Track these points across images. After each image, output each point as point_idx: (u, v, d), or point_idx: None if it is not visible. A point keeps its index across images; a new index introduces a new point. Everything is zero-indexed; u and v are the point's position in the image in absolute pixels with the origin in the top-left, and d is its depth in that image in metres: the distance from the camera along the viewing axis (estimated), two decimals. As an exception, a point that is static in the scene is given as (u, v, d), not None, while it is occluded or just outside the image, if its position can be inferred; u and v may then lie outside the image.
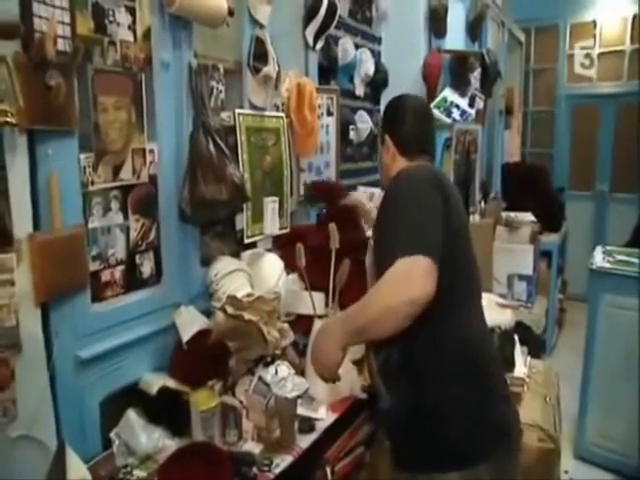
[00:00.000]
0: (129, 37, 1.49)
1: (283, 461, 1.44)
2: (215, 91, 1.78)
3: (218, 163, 1.65)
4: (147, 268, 1.63)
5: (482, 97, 3.65)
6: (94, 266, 1.45)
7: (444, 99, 3.27)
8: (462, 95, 3.40)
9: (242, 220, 1.91)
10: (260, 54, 1.92)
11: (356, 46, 2.71)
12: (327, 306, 1.90)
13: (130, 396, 1.50)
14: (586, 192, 5.84)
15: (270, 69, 1.93)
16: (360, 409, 1.80)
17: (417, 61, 3.16)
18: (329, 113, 2.47)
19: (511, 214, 4.15)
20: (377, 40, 3.05)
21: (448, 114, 3.26)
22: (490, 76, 3.76)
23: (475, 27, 3.80)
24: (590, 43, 5.69)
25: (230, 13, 1.66)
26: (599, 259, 2.96)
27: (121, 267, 1.54)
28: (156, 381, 1.51)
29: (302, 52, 2.28)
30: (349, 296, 1.66)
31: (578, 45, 5.76)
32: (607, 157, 5.73)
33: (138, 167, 1.56)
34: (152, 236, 1.64)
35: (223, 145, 1.68)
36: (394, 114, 1.55)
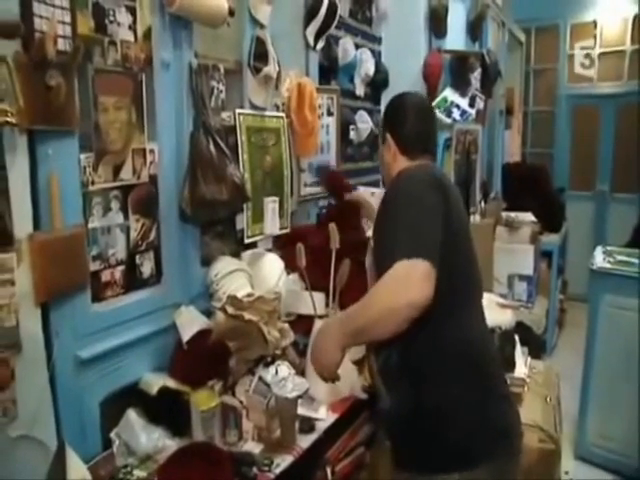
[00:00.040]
0: (129, 37, 1.49)
1: (283, 461, 1.44)
2: (215, 91, 1.78)
3: (218, 163, 1.65)
4: (147, 268, 1.63)
5: (482, 97, 3.65)
6: (94, 266, 1.45)
7: (444, 99, 3.27)
8: (462, 95, 3.39)
9: (242, 220, 1.91)
10: (260, 54, 1.92)
11: (356, 46, 2.71)
12: (327, 306, 1.90)
13: (130, 396, 1.50)
14: (586, 192, 5.84)
15: (270, 69, 1.93)
16: (360, 409, 1.80)
17: (417, 61, 3.16)
18: (329, 113, 2.47)
19: (511, 214, 4.15)
20: (377, 40, 3.05)
21: (448, 114, 3.26)
22: (490, 76, 3.75)
23: (475, 27, 3.80)
24: (590, 43, 5.69)
25: (230, 13, 1.66)
26: (599, 259, 2.96)
27: (121, 267, 1.54)
28: (156, 381, 1.51)
29: (302, 52, 2.27)
30: (349, 296, 1.66)
31: (578, 45, 5.76)
32: (607, 157, 5.73)
33: (138, 167, 1.56)
34: (152, 236, 1.63)
35: (223, 145, 1.68)
36: (395, 112, 1.54)
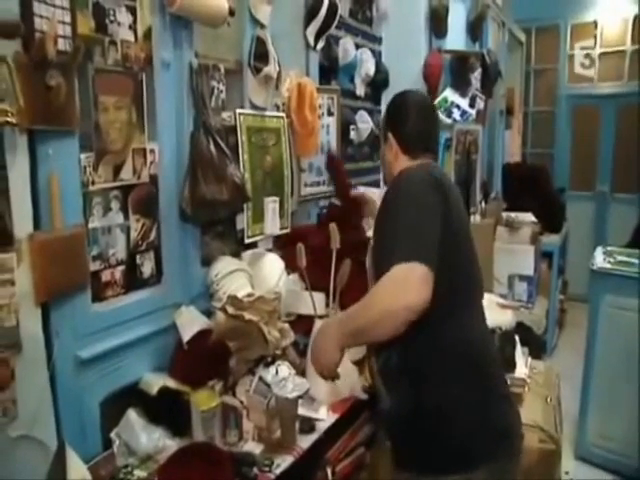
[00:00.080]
0: (130, 37, 1.49)
1: (284, 461, 1.44)
2: (216, 91, 1.77)
3: (219, 163, 1.65)
4: (147, 268, 1.63)
5: (483, 97, 3.65)
6: (94, 266, 1.45)
7: (445, 99, 3.27)
8: (463, 95, 3.39)
9: (243, 220, 1.91)
10: (261, 54, 1.92)
11: (357, 46, 2.71)
12: (328, 306, 1.90)
13: (130, 396, 1.50)
14: (587, 192, 5.84)
15: (271, 69, 1.93)
16: (361, 410, 1.80)
17: (418, 61, 3.15)
18: (330, 113, 2.47)
19: (512, 214, 4.15)
20: (378, 40, 3.04)
21: (449, 114, 3.26)
22: (491, 76, 3.75)
23: (476, 27, 3.80)
24: (591, 43, 5.69)
25: (231, 13, 1.66)
26: (600, 260, 2.95)
27: (121, 267, 1.54)
28: (156, 381, 1.51)
29: (303, 52, 2.27)
30: (350, 296, 1.66)
31: (579, 45, 5.76)
32: (608, 157, 5.73)
33: (139, 167, 1.55)
34: (152, 236, 1.63)
35: (224, 145, 1.68)
36: (397, 111, 1.52)
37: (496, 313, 2.23)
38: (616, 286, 2.77)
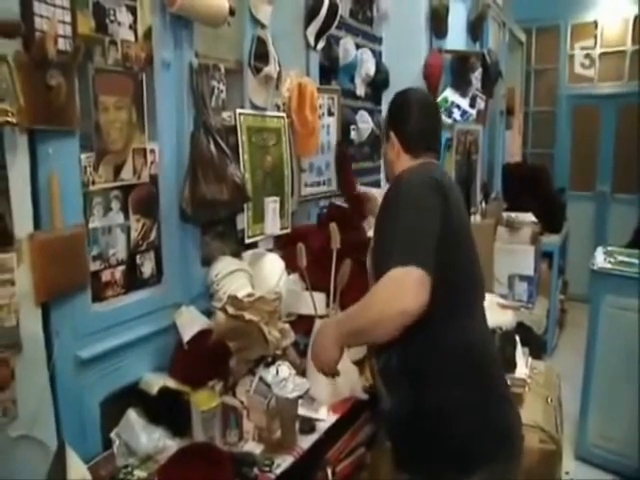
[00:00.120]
0: (130, 36, 1.49)
1: (284, 462, 1.44)
2: (216, 91, 1.77)
3: (219, 163, 1.65)
4: (148, 268, 1.63)
5: (483, 97, 3.65)
6: (95, 266, 1.45)
7: (445, 99, 3.27)
8: (463, 95, 3.39)
9: (243, 220, 1.91)
10: (261, 54, 1.92)
11: (357, 46, 2.71)
12: (328, 306, 1.90)
13: (130, 396, 1.50)
14: (587, 193, 5.83)
15: (271, 69, 1.93)
16: (361, 410, 1.80)
17: (418, 61, 3.15)
18: (330, 113, 2.47)
19: (512, 214, 4.15)
20: (378, 40, 3.04)
21: (449, 114, 3.26)
22: (491, 76, 3.75)
23: (476, 27, 3.80)
24: (591, 43, 5.69)
25: (231, 13, 1.66)
26: (600, 260, 2.95)
27: (122, 267, 1.54)
28: (157, 381, 1.51)
29: (303, 52, 2.27)
30: (350, 296, 1.66)
31: (579, 45, 5.76)
32: (608, 158, 5.73)
33: (139, 167, 1.55)
34: (153, 236, 1.63)
35: (224, 145, 1.68)
36: (399, 110, 1.51)
37: (496, 313, 2.23)
38: (616, 286, 2.76)
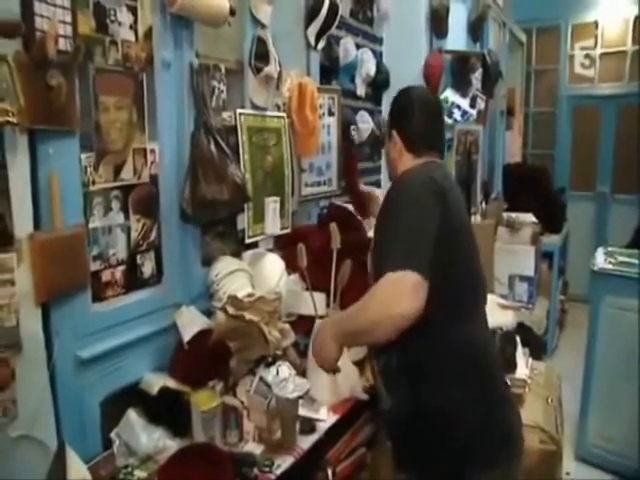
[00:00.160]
0: (130, 36, 1.48)
1: (284, 462, 1.44)
2: (216, 91, 1.77)
3: (219, 163, 1.65)
4: (148, 268, 1.62)
5: (483, 98, 3.64)
6: (95, 266, 1.45)
7: (445, 100, 3.27)
8: (463, 96, 3.40)
9: (243, 220, 1.90)
10: (261, 54, 1.92)
11: (357, 46, 2.70)
12: (328, 306, 1.90)
13: (131, 396, 1.50)
14: (587, 193, 5.84)
15: (271, 69, 1.93)
16: (361, 410, 1.80)
17: (418, 61, 3.15)
18: (330, 113, 2.47)
19: (512, 215, 4.15)
20: (378, 40, 3.04)
21: (449, 115, 3.26)
22: (491, 77, 3.75)
23: (476, 27, 3.80)
24: (591, 44, 5.69)
25: (232, 13, 1.66)
26: (600, 260, 2.95)
27: (122, 267, 1.54)
28: (157, 381, 1.51)
29: (304, 52, 2.27)
30: (350, 296, 1.65)
31: (579, 46, 5.76)
32: (608, 158, 5.73)
33: (139, 167, 1.55)
34: (153, 236, 1.63)
35: (224, 145, 1.68)
36: (402, 108, 1.50)
37: (497, 313, 2.23)
38: (617, 287, 2.77)
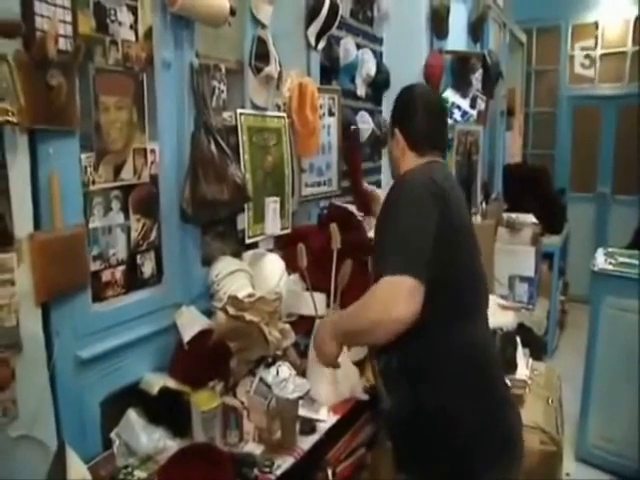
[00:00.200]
0: (131, 36, 1.48)
1: (284, 462, 1.44)
2: (217, 91, 1.77)
3: (219, 163, 1.65)
4: (148, 268, 1.62)
5: (483, 98, 3.65)
6: (95, 266, 1.45)
7: (445, 100, 3.27)
8: (463, 96, 3.39)
9: (243, 220, 1.90)
10: (262, 54, 1.92)
11: (358, 46, 2.70)
12: (328, 307, 1.90)
13: (131, 396, 1.49)
14: (587, 194, 5.83)
15: (272, 69, 1.93)
16: (362, 410, 1.80)
17: (418, 62, 3.15)
18: (331, 113, 2.47)
19: (512, 215, 4.15)
20: (378, 41, 3.04)
21: (449, 115, 3.26)
22: (492, 77, 3.75)
23: (477, 28, 3.80)
24: (591, 44, 5.69)
25: (232, 13, 1.65)
26: (601, 261, 2.95)
27: (122, 267, 1.54)
28: (157, 381, 1.51)
29: (304, 52, 2.27)
30: (351, 296, 1.65)
31: (579, 46, 5.76)
32: (608, 159, 5.73)
33: (139, 167, 1.55)
34: (153, 236, 1.63)
35: (225, 145, 1.68)
36: (405, 106, 1.49)
37: (497, 314, 2.23)
38: (617, 287, 2.77)
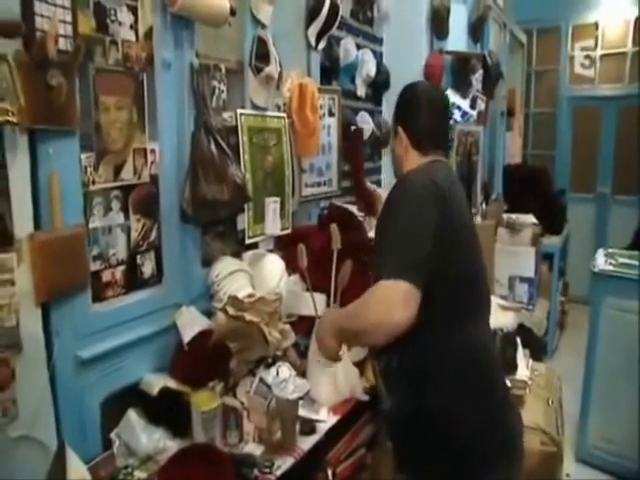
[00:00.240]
0: (131, 36, 1.48)
1: (284, 463, 1.43)
2: (217, 91, 1.77)
3: (220, 163, 1.65)
4: (148, 268, 1.62)
5: (484, 98, 3.65)
6: (95, 266, 1.44)
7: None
8: (464, 96, 3.39)
9: (243, 220, 1.90)
10: (262, 54, 1.92)
11: (358, 47, 2.70)
12: (329, 307, 1.89)
13: (131, 396, 1.49)
14: (587, 194, 5.83)
15: (272, 69, 1.93)
16: (362, 411, 1.80)
17: (419, 62, 3.14)
18: (331, 114, 2.47)
19: (512, 216, 4.15)
20: (379, 41, 3.04)
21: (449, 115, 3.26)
22: (492, 77, 3.75)
23: (477, 28, 3.79)
24: (592, 45, 5.69)
25: (232, 13, 1.65)
26: (601, 262, 2.95)
27: (122, 267, 1.53)
28: (157, 382, 1.50)
29: (304, 52, 2.27)
30: (351, 297, 1.64)
31: (579, 46, 5.76)
32: (608, 159, 5.73)
33: (139, 167, 1.55)
34: (153, 236, 1.63)
35: (225, 145, 1.68)
36: (408, 104, 1.48)
37: (497, 315, 2.22)
38: (617, 288, 2.77)
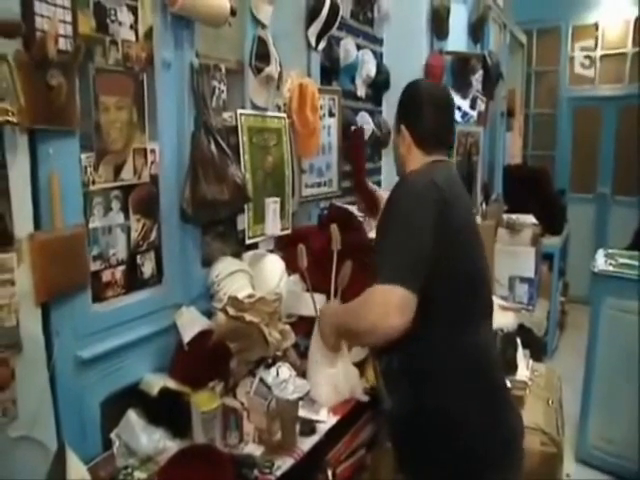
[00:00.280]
0: (131, 36, 1.48)
1: (284, 463, 1.43)
2: (217, 91, 1.77)
3: (220, 163, 1.65)
4: (148, 268, 1.62)
5: (484, 99, 3.65)
6: (95, 266, 1.44)
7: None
8: (464, 97, 3.39)
9: (243, 221, 1.90)
10: (262, 54, 1.92)
11: (358, 47, 2.70)
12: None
13: (131, 397, 1.49)
14: (588, 194, 5.83)
15: (272, 69, 1.93)
16: (362, 411, 1.79)
17: (419, 63, 3.14)
18: (331, 114, 2.47)
19: (513, 216, 4.15)
20: (379, 41, 3.04)
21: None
22: (492, 78, 3.75)
23: (477, 29, 3.79)
24: (592, 45, 5.69)
25: (232, 13, 1.65)
26: (601, 262, 2.95)
27: (122, 267, 1.53)
28: (157, 382, 1.50)
29: (304, 52, 2.27)
30: (351, 297, 1.64)
31: (579, 47, 5.76)
32: (609, 159, 5.73)
33: (139, 167, 1.55)
34: (153, 236, 1.63)
35: (225, 145, 1.68)
36: (411, 102, 1.46)
37: (497, 315, 2.21)
38: (617, 288, 2.77)
